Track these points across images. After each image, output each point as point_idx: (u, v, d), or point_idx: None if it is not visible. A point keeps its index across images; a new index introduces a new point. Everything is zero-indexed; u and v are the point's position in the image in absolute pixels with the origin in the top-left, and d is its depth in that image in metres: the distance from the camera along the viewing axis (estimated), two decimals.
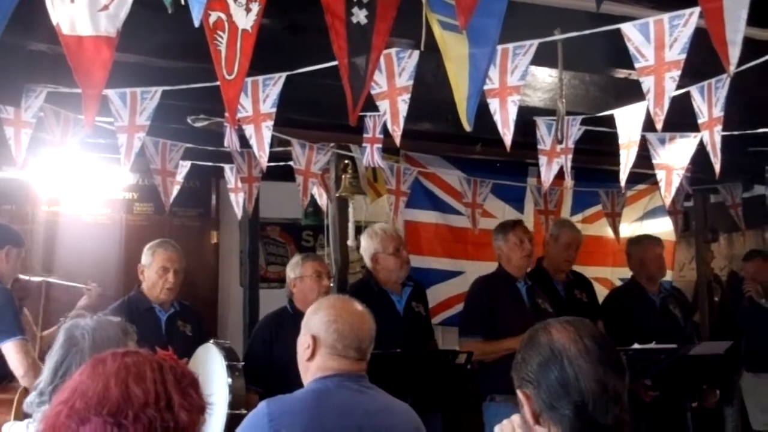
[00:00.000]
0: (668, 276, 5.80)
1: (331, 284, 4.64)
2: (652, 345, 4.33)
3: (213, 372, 3.66)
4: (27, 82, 3.54)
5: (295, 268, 4.33)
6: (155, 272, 4.19)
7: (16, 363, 3.70)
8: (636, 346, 4.23)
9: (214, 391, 3.56)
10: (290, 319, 4.11)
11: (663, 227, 6.19)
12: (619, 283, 5.95)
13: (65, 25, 2.18)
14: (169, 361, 1.44)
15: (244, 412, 3.26)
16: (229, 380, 3.64)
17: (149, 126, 3.58)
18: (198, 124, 4.28)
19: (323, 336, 2.46)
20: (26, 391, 3.68)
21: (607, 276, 6.29)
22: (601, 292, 5.62)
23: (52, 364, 2.22)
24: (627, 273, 5.47)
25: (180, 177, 4.74)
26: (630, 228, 6.31)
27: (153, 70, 3.53)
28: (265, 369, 4.04)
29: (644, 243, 5.18)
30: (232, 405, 3.56)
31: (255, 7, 2.29)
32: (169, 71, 3.52)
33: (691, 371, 4.56)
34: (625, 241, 5.62)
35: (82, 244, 5.87)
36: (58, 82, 3.51)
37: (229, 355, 3.76)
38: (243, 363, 3.82)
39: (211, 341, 3.93)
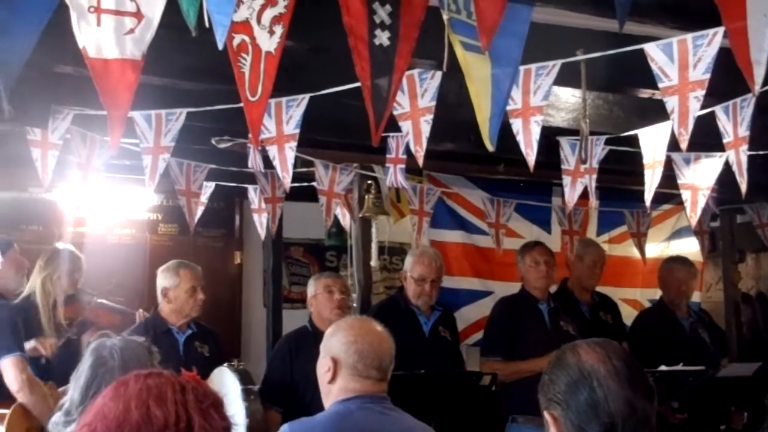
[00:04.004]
0: (696, 297, 5.72)
1: (354, 304, 4.63)
2: (680, 367, 4.28)
3: (228, 396, 3.63)
4: (54, 104, 3.59)
5: (310, 287, 4.38)
6: (185, 292, 4.22)
7: (10, 379, 3.69)
8: (663, 368, 4.18)
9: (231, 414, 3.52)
10: (310, 337, 4.11)
11: (690, 248, 6.12)
12: (648, 305, 5.88)
13: (91, 49, 2.20)
14: (191, 381, 1.43)
15: None
16: (245, 404, 3.59)
17: (174, 147, 3.62)
18: (222, 146, 4.31)
19: (343, 357, 2.45)
20: (21, 408, 3.68)
21: (636, 297, 6.23)
22: (630, 314, 5.56)
23: (82, 384, 2.22)
24: (656, 294, 5.40)
25: (204, 198, 4.76)
26: (657, 248, 6.25)
27: (178, 92, 3.56)
28: (285, 388, 4.02)
29: (676, 268, 5.12)
30: (250, 430, 3.50)
31: (279, 30, 2.30)
32: (193, 93, 3.55)
33: (719, 393, 4.49)
34: (653, 261, 5.54)
35: (107, 264, 5.89)
36: (84, 105, 3.55)
37: (243, 378, 3.72)
38: (259, 386, 3.78)
39: (225, 364, 3.90)
